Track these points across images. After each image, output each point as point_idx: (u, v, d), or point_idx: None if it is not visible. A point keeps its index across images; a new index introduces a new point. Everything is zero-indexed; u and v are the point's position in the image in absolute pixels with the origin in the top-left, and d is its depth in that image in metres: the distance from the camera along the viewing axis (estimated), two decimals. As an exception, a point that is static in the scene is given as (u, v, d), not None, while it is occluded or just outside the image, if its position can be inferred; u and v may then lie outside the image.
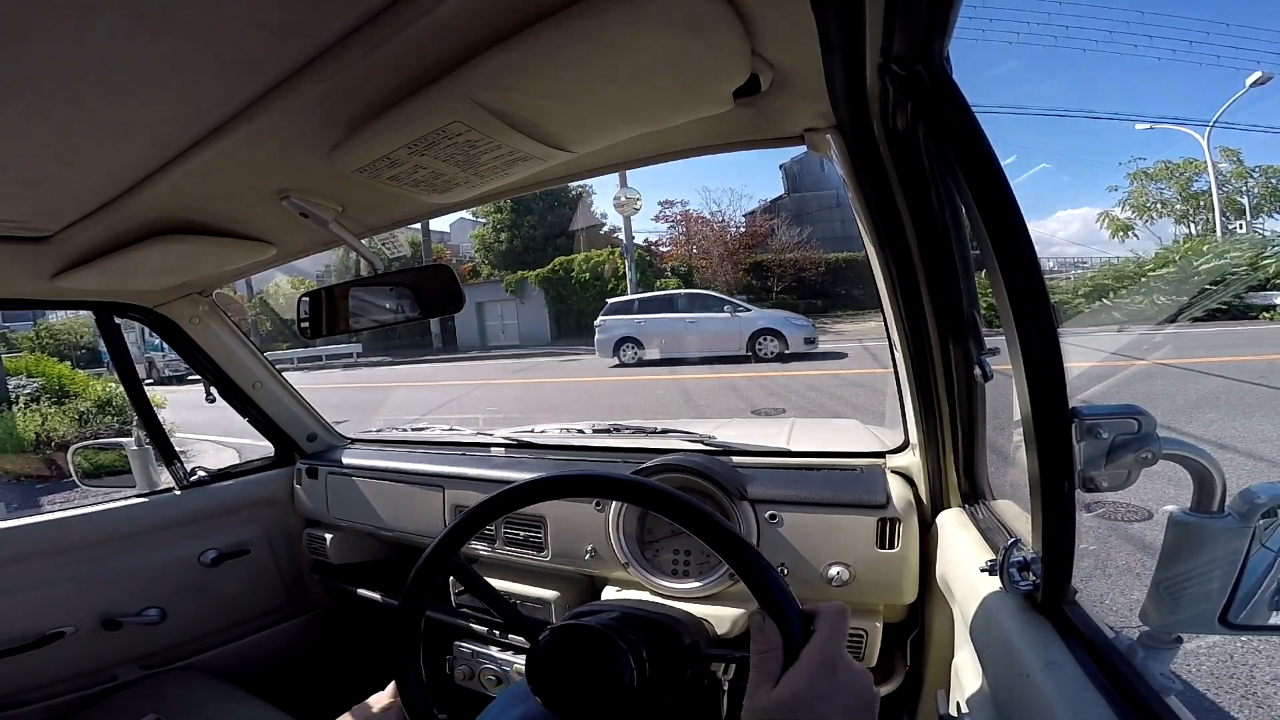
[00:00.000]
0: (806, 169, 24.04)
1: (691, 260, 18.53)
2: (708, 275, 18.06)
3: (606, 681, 0.59)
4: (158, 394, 7.10)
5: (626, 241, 15.95)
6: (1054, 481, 0.49)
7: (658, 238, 19.99)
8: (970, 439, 0.84)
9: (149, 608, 1.38)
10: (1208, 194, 16.43)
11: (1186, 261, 11.25)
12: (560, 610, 1.16)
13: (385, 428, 1.85)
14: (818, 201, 23.46)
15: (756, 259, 18.73)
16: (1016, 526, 0.73)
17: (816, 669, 0.46)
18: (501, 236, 21.52)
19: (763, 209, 22.79)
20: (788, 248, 18.99)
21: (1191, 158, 16.86)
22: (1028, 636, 0.55)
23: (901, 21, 0.48)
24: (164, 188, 0.69)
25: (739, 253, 18.67)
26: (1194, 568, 0.48)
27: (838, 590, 0.97)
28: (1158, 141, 28.13)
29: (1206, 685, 1.76)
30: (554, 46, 0.47)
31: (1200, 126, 15.82)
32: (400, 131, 0.57)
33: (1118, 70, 40.91)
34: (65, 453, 1.83)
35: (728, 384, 7.47)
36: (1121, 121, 18.73)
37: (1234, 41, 28.50)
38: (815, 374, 7.47)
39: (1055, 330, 0.47)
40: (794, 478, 1.08)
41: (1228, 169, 16.76)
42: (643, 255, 17.53)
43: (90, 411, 6.59)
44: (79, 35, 0.41)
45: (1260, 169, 16.70)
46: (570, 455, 1.41)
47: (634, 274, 15.28)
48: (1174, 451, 0.49)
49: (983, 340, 0.75)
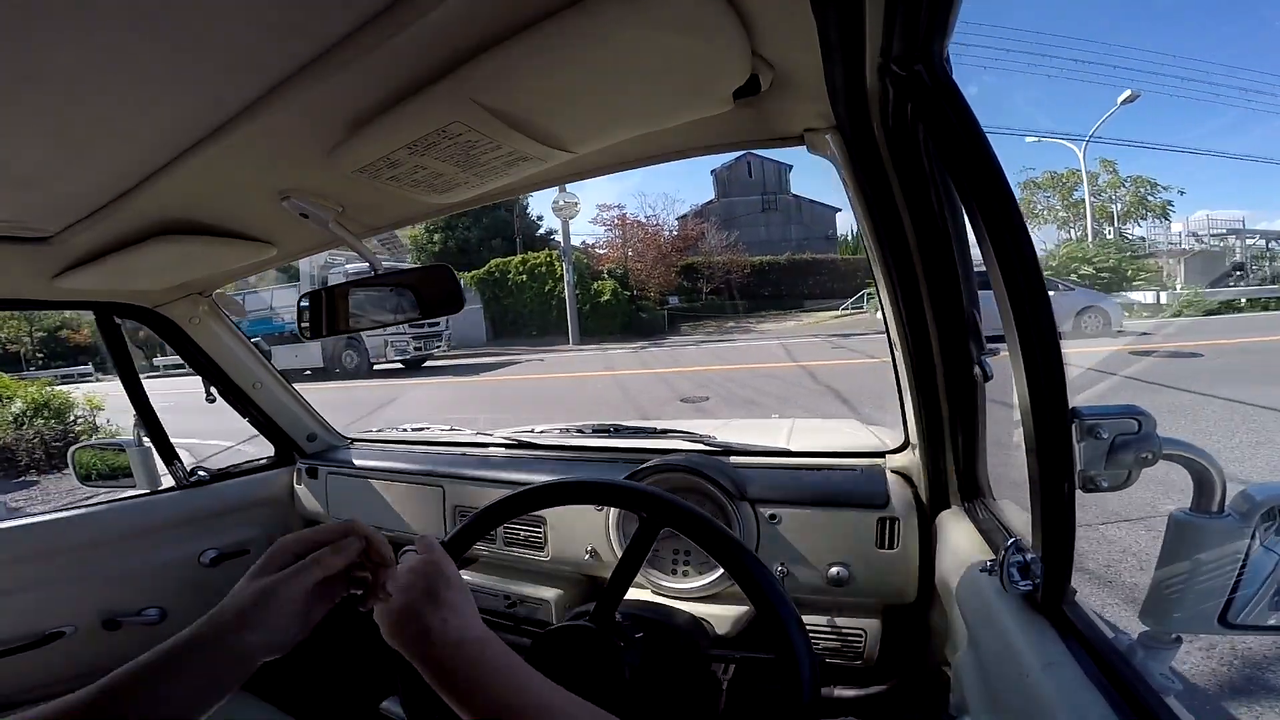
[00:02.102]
0: (736, 175, 25.03)
1: (627, 263, 19.10)
2: (642, 277, 18.69)
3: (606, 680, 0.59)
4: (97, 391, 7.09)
5: (564, 244, 16.24)
6: (1054, 482, 0.49)
7: (595, 240, 20.96)
8: (970, 439, 0.84)
9: (149, 608, 1.38)
10: (1083, 203, 18.46)
11: (1063, 265, 13.04)
12: (560, 610, 1.16)
13: (386, 428, 1.85)
14: (745, 206, 24.62)
15: (688, 261, 19.59)
16: (1016, 526, 0.73)
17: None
18: (435, 238, 21.42)
19: (694, 213, 23.59)
20: (717, 251, 19.97)
21: (1073, 168, 18.46)
22: (1028, 636, 0.55)
23: (901, 22, 0.48)
24: (164, 188, 0.69)
25: (671, 255, 19.46)
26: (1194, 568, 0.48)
27: (838, 590, 0.97)
28: (1049, 153, 29.41)
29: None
30: (554, 46, 0.47)
31: (1079, 140, 17.53)
32: (400, 131, 0.57)
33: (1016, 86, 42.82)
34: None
35: (660, 378, 8.52)
36: (1016, 135, 20.21)
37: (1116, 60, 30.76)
38: (735, 368, 8.64)
39: (1055, 330, 0.47)
40: (794, 478, 1.08)
41: (1104, 179, 18.97)
42: (580, 258, 18.04)
43: (25, 414, 6.53)
44: (79, 35, 0.41)
45: (1131, 179, 18.98)
46: (570, 455, 1.41)
47: (571, 276, 15.48)
48: (1174, 452, 0.49)
49: (983, 340, 0.75)
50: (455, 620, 0.51)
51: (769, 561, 0.98)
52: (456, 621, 0.51)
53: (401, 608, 0.52)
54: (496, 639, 0.51)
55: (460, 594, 0.54)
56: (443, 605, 0.52)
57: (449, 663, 0.48)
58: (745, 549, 0.60)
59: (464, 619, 0.51)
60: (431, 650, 0.49)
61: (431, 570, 0.54)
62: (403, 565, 0.56)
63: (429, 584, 0.53)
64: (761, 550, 1.02)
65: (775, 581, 0.57)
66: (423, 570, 0.54)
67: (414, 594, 0.52)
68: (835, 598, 0.99)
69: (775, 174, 25.52)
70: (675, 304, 18.90)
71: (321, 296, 0.97)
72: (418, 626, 0.50)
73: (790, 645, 0.54)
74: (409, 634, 0.51)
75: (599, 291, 17.25)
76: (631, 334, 16.67)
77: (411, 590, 0.53)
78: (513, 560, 1.24)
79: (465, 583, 0.56)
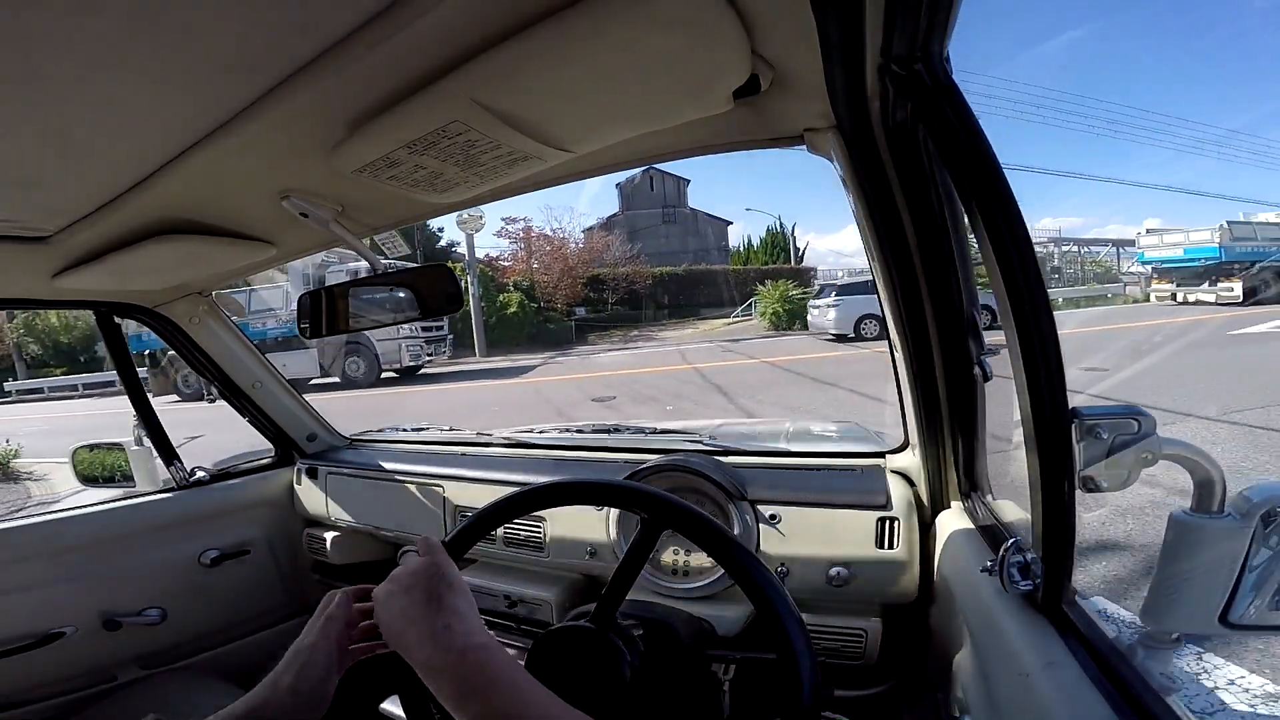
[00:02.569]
0: (639, 188, 25.84)
1: (533, 275, 19.40)
2: (549, 289, 18.92)
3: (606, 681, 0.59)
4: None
5: (469, 257, 16.37)
6: (1054, 482, 0.49)
7: (499, 253, 21.18)
8: (970, 439, 0.84)
9: (149, 608, 1.38)
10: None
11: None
12: (560, 610, 1.16)
13: (386, 428, 1.85)
14: (647, 219, 25.50)
15: (594, 273, 19.94)
16: (1016, 526, 0.73)
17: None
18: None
19: (600, 225, 24.17)
20: (621, 262, 20.52)
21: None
22: (1028, 636, 0.55)
23: (901, 21, 0.48)
24: (164, 188, 0.69)
25: (577, 267, 19.68)
26: (1194, 568, 0.48)
27: (838, 590, 0.97)
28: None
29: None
30: (554, 46, 0.47)
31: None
32: (400, 131, 0.57)
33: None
34: None
35: (574, 383, 9.60)
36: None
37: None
38: (639, 372, 9.96)
39: (1055, 330, 0.47)
40: (794, 478, 1.08)
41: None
42: (485, 271, 18.05)
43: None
44: (79, 35, 0.41)
45: None
46: (570, 455, 1.41)
47: (477, 289, 15.48)
48: (1174, 452, 0.49)
49: (983, 340, 0.75)
50: (458, 626, 0.50)
51: (769, 561, 0.98)
52: (460, 627, 0.50)
53: (402, 611, 0.51)
54: (499, 646, 0.49)
55: (462, 598, 0.52)
56: (444, 610, 0.50)
57: (450, 670, 0.47)
58: (745, 549, 0.60)
59: (467, 625, 0.50)
60: (433, 657, 0.48)
61: (434, 572, 0.53)
62: (403, 567, 0.55)
63: (430, 586, 0.52)
64: (761, 550, 1.02)
65: (775, 582, 0.57)
66: (424, 572, 0.53)
67: (415, 597, 0.51)
68: (835, 598, 0.99)
69: (675, 187, 26.47)
70: (582, 314, 19.13)
71: (322, 296, 0.97)
72: (419, 631, 0.49)
73: (790, 646, 0.54)
74: (410, 639, 0.50)
75: (506, 303, 17.00)
76: (539, 345, 16.62)
77: (413, 593, 0.52)
78: (513, 560, 1.24)
79: (467, 585, 0.55)
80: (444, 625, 0.49)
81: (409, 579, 0.53)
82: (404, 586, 0.52)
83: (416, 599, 0.51)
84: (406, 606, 0.51)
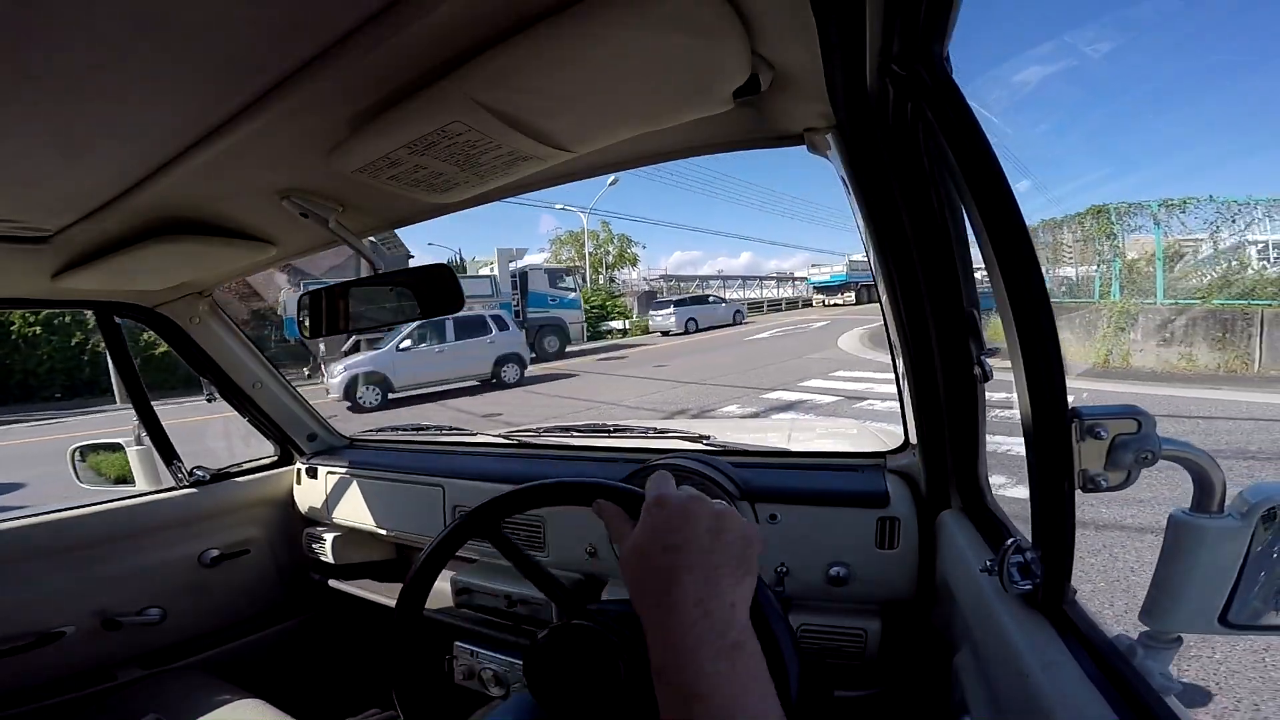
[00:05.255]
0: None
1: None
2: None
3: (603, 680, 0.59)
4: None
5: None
6: (1054, 482, 0.49)
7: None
8: (970, 439, 0.84)
9: (149, 607, 1.38)
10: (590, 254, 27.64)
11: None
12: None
13: (386, 428, 1.85)
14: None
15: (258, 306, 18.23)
16: (1016, 526, 0.73)
17: (653, 512, 0.44)
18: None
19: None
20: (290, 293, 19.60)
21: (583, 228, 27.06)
22: (1028, 636, 0.55)
23: (901, 22, 0.48)
24: (164, 187, 0.69)
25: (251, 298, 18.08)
26: (1194, 567, 0.48)
27: (838, 590, 0.97)
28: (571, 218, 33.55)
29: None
30: (554, 46, 0.47)
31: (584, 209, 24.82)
32: (400, 131, 0.57)
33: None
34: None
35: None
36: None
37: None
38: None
39: (1055, 330, 0.46)
40: (794, 477, 1.08)
41: (602, 235, 28.67)
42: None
43: None
44: (79, 35, 0.41)
45: (619, 237, 29.21)
46: (570, 455, 1.41)
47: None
48: (1174, 451, 0.49)
49: (983, 340, 0.75)
50: (743, 608, 0.38)
51: (769, 561, 0.98)
52: (742, 617, 0.38)
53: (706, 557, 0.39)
54: (755, 639, 0.38)
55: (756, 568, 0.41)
56: (743, 584, 0.39)
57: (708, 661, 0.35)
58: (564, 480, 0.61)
59: (744, 614, 0.39)
60: (703, 635, 0.36)
61: (750, 531, 0.42)
62: (697, 497, 0.43)
63: (745, 547, 0.41)
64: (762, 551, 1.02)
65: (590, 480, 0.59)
66: (739, 521, 0.41)
67: (730, 550, 0.40)
68: (835, 597, 0.99)
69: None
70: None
71: (322, 296, 0.97)
72: (705, 593, 0.38)
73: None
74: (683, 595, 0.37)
75: (154, 341, 14.55)
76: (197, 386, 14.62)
77: (724, 538, 0.40)
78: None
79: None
80: (731, 603, 0.38)
81: (715, 519, 0.41)
82: (709, 528, 0.40)
83: (731, 553, 0.40)
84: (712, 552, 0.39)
